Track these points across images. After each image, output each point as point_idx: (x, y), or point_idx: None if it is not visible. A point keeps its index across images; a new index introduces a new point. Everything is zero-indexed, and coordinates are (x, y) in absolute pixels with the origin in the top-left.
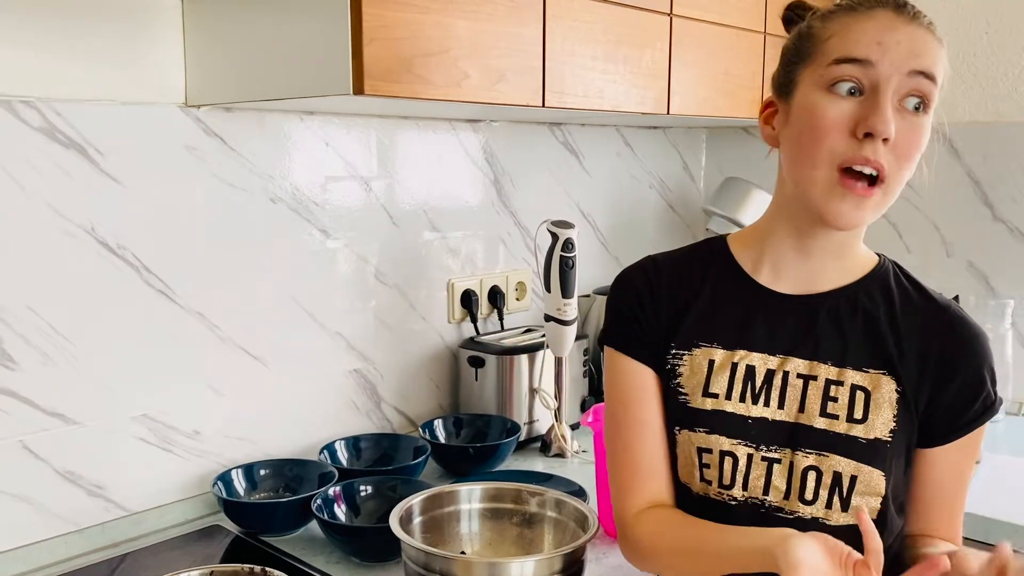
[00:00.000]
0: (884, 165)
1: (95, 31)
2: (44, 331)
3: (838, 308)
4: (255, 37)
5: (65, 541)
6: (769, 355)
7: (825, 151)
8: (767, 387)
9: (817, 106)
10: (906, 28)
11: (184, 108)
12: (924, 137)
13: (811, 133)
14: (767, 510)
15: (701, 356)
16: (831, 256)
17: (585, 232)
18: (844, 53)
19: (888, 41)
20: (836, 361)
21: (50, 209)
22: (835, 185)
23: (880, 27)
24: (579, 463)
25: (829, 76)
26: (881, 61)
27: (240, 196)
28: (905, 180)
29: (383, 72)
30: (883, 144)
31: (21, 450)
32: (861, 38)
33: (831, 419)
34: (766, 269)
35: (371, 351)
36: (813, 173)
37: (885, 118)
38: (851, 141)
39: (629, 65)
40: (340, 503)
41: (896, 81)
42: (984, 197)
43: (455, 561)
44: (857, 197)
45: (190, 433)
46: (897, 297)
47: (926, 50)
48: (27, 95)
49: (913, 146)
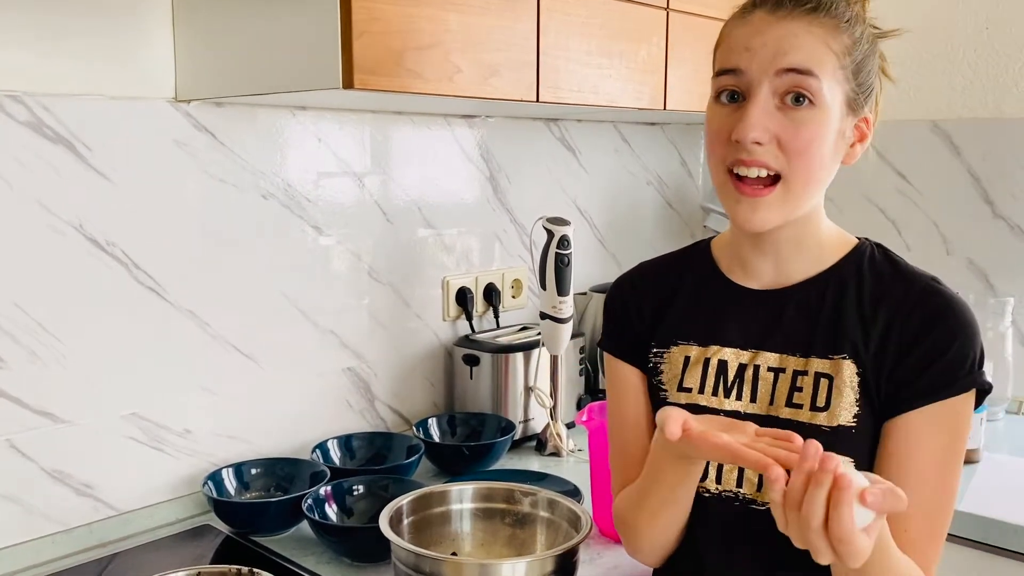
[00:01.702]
0: (767, 160)
1: (84, 25)
2: (32, 329)
3: (807, 299)
4: (245, 31)
5: (53, 541)
6: (741, 350)
7: (716, 159)
8: (739, 381)
9: (708, 117)
10: (776, 27)
11: (174, 103)
12: (812, 130)
13: (707, 142)
14: (741, 502)
15: (678, 353)
16: (788, 249)
17: (582, 229)
18: (720, 64)
19: (755, 45)
20: (803, 352)
21: (38, 205)
22: (731, 190)
23: (750, 32)
24: (575, 462)
25: (714, 87)
26: (749, 67)
27: (231, 192)
28: (813, 174)
29: (373, 66)
30: (760, 146)
31: (8, 449)
32: (734, 46)
33: (796, 409)
34: (737, 267)
35: (365, 349)
36: (714, 176)
37: (745, 123)
38: (730, 146)
39: (625, 60)
40: (331, 503)
41: (768, 83)
42: (984, 194)
43: (445, 562)
44: (750, 199)
45: (180, 432)
46: (869, 279)
47: (795, 44)
48: (14, 89)
49: (800, 141)
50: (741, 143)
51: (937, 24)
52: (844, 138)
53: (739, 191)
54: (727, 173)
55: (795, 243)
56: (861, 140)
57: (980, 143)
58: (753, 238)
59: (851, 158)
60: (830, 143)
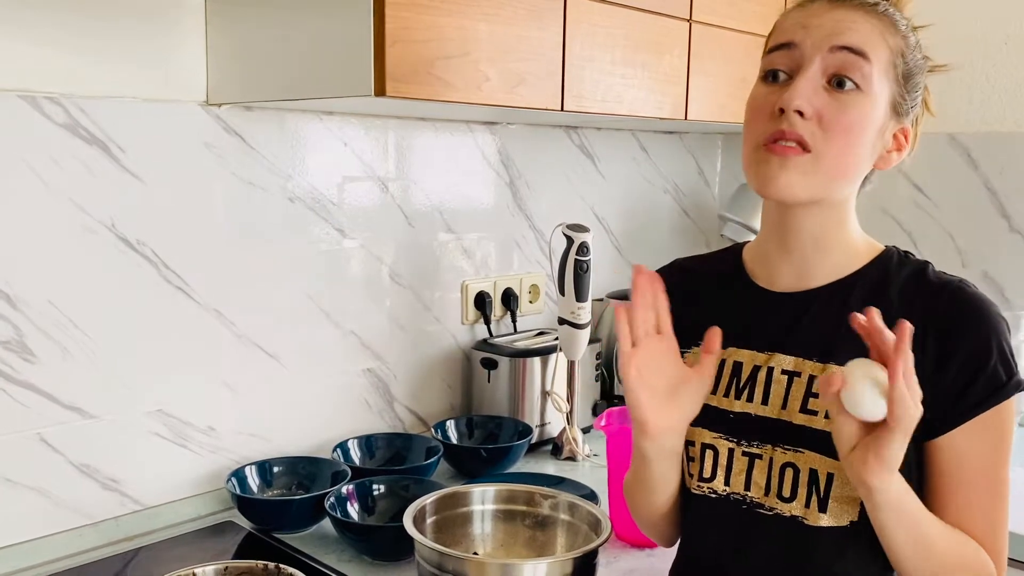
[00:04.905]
0: (804, 135)
1: (119, 28)
2: (63, 325)
3: (829, 303)
4: (277, 37)
5: (80, 534)
6: (757, 351)
7: (752, 133)
8: (752, 383)
9: (752, 95)
10: (835, 11)
11: (205, 106)
12: (855, 115)
13: (746, 119)
14: (748, 506)
15: (697, 354)
16: (812, 249)
17: (599, 236)
18: (774, 42)
19: (811, 23)
20: (821, 357)
21: (71, 204)
22: (761, 155)
23: (807, 13)
24: (590, 467)
25: (763, 66)
26: (803, 42)
27: (258, 194)
28: (845, 157)
29: (405, 74)
30: (802, 118)
31: (38, 443)
32: (789, 24)
33: (810, 415)
34: (762, 270)
35: (385, 351)
36: (745, 154)
37: (795, 92)
38: (771, 121)
39: (648, 70)
40: (353, 501)
41: (820, 60)
42: (1001, 208)
43: (468, 562)
44: (779, 157)
45: (205, 429)
46: (894, 286)
47: (853, 27)
48: (51, 91)
49: (840, 122)
50: (785, 111)
51: (956, 37)
52: (883, 138)
53: (768, 150)
54: (759, 147)
55: (820, 243)
56: (898, 149)
57: (998, 157)
58: (780, 234)
59: (885, 163)
60: (870, 134)
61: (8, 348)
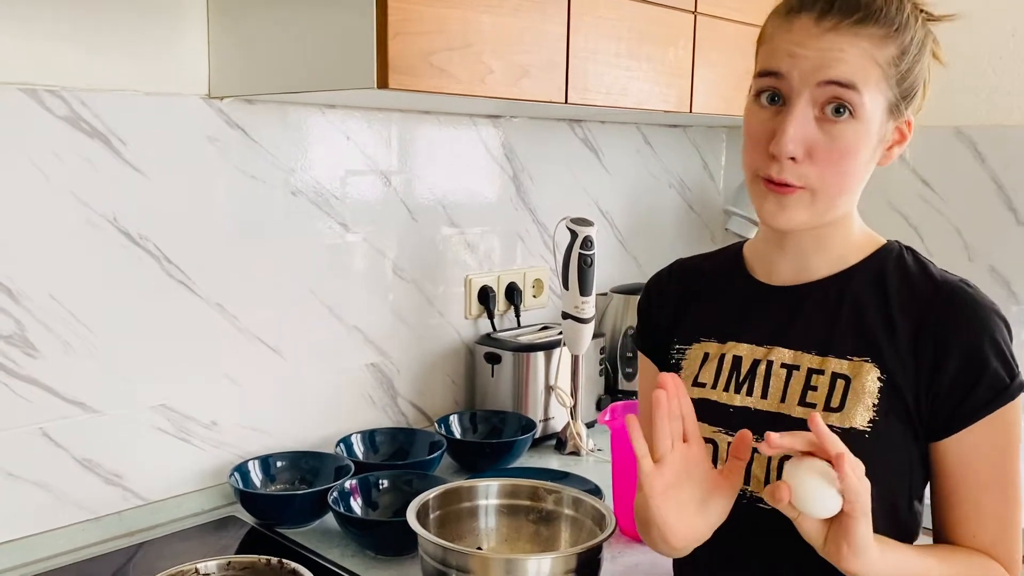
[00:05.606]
0: (797, 182)
1: (120, 21)
2: (66, 320)
3: (826, 296)
4: (279, 29)
5: (82, 529)
6: (756, 345)
7: (750, 160)
8: (751, 377)
9: (746, 116)
10: (821, 38)
11: (207, 99)
12: (848, 142)
13: (744, 143)
14: (748, 500)
15: (698, 350)
16: (810, 250)
17: (603, 230)
18: (763, 66)
19: (798, 53)
20: (820, 350)
21: (73, 198)
22: (760, 188)
23: (794, 38)
24: (594, 461)
25: (755, 86)
26: (791, 73)
27: (261, 188)
28: (842, 182)
29: (407, 66)
30: (794, 163)
31: (41, 437)
32: (778, 49)
33: (809, 408)
34: (761, 265)
35: (388, 345)
36: (746, 176)
37: (783, 139)
38: (765, 157)
39: (652, 63)
40: (356, 496)
41: (809, 92)
42: (1008, 201)
43: (472, 556)
44: (777, 196)
45: (207, 424)
46: (894, 281)
47: (840, 56)
48: (53, 84)
49: (833, 155)
50: (776, 158)
51: (963, 30)
52: (883, 142)
53: (767, 187)
54: (758, 178)
55: (819, 241)
56: (900, 142)
57: (1004, 150)
58: (778, 235)
59: (888, 159)
60: (866, 152)
61: (10, 342)
